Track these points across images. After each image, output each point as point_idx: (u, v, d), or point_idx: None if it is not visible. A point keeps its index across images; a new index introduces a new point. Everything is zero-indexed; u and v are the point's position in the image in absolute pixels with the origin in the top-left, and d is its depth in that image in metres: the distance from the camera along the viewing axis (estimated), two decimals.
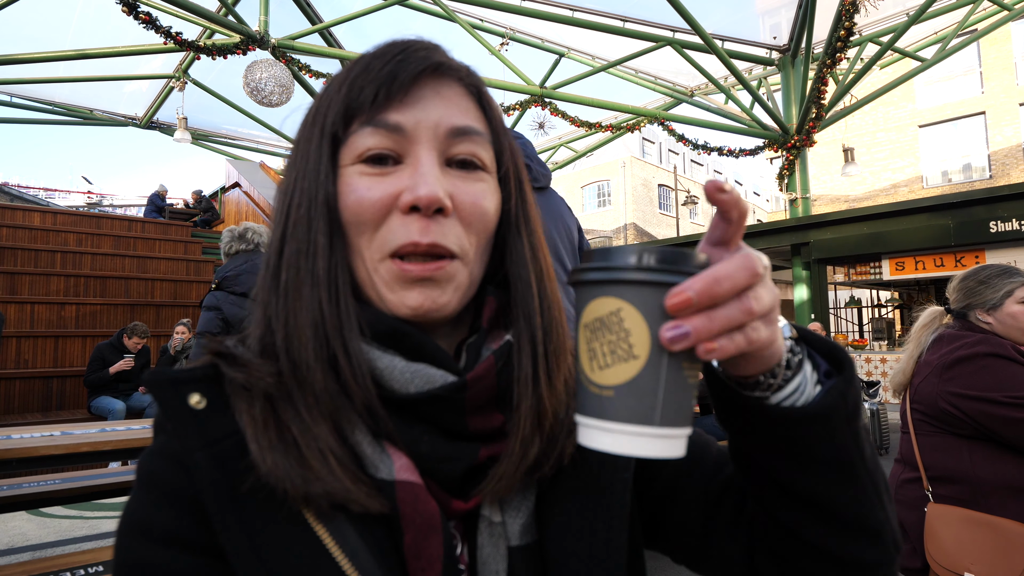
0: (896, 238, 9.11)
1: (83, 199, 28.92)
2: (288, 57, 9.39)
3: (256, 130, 14.65)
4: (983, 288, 1.79)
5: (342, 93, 0.46)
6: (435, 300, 0.45)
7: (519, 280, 0.49)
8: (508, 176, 0.51)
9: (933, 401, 1.72)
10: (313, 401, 0.42)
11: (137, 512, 0.42)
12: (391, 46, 0.48)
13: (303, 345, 0.43)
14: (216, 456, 0.41)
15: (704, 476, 0.54)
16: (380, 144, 0.45)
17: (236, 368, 0.44)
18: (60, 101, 12.80)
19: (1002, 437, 1.59)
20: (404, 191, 0.44)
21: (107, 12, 8.79)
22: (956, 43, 10.87)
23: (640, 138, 29.52)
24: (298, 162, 0.48)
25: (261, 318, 0.47)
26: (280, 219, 0.47)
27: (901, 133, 19.14)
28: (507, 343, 0.48)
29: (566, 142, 15.13)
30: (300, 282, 0.44)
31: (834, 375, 0.45)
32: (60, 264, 8.49)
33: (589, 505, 0.48)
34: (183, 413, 0.43)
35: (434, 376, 0.44)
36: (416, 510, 0.42)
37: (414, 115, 0.45)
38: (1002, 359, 1.64)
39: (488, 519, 0.46)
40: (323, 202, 0.45)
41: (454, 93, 0.48)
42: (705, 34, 8.51)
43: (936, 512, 1.65)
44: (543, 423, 0.47)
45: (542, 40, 11.64)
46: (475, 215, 0.47)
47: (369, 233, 0.45)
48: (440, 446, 0.44)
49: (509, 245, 0.50)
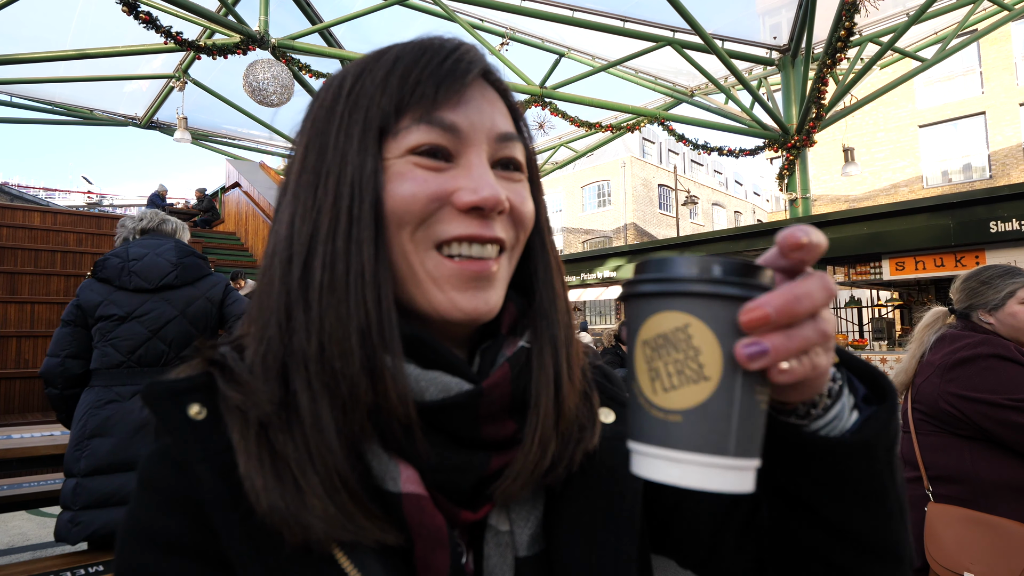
0: (896, 238, 9.10)
1: (83, 199, 28.93)
2: (288, 57, 9.38)
3: (256, 130, 14.65)
4: (985, 288, 1.79)
5: (393, 84, 0.44)
6: (487, 302, 0.45)
7: (544, 282, 0.50)
8: (535, 181, 0.52)
9: (934, 401, 1.72)
10: (329, 422, 0.39)
11: (140, 517, 0.41)
12: (439, 44, 0.46)
13: (347, 354, 0.40)
14: (219, 468, 0.40)
15: None
16: (435, 141, 0.44)
17: (232, 386, 0.42)
18: (60, 101, 12.80)
19: (1001, 439, 1.59)
20: (461, 190, 0.44)
21: (107, 12, 8.78)
22: (956, 43, 10.87)
23: (640, 138, 29.53)
24: (331, 150, 0.44)
25: (271, 327, 0.42)
26: (309, 215, 0.43)
27: (901, 133, 19.14)
28: (522, 349, 0.47)
29: (566, 142, 15.13)
30: (345, 283, 0.41)
31: (873, 401, 0.43)
32: (60, 264, 8.49)
33: (598, 516, 0.47)
34: (183, 425, 0.41)
35: (450, 384, 0.43)
36: (422, 523, 0.41)
37: (468, 117, 0.45)
38: (1004, 360, 1.63)
39: (495, 529, 0.45)
40: (371, 197, 0.42)
41: (495, 97, 0.48)
42: (705, 34, 8.50)
43: (936, 512, 1.65)
44: (560, 423, 0.46)
45: (542, 40, 11.64)
46: (522, 216, 0.47)
47: (412, 227, 0.43)
48: (451, 456, 0.43)
49: (536, 250, 0.51)
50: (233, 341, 0.47)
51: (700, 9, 8.60)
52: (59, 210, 12.07)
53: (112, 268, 2.38)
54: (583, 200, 29.67)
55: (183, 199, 17.84)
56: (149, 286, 2.38)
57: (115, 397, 2.28)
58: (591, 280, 13.92)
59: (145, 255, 2.43)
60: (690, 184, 31.10)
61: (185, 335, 2.39)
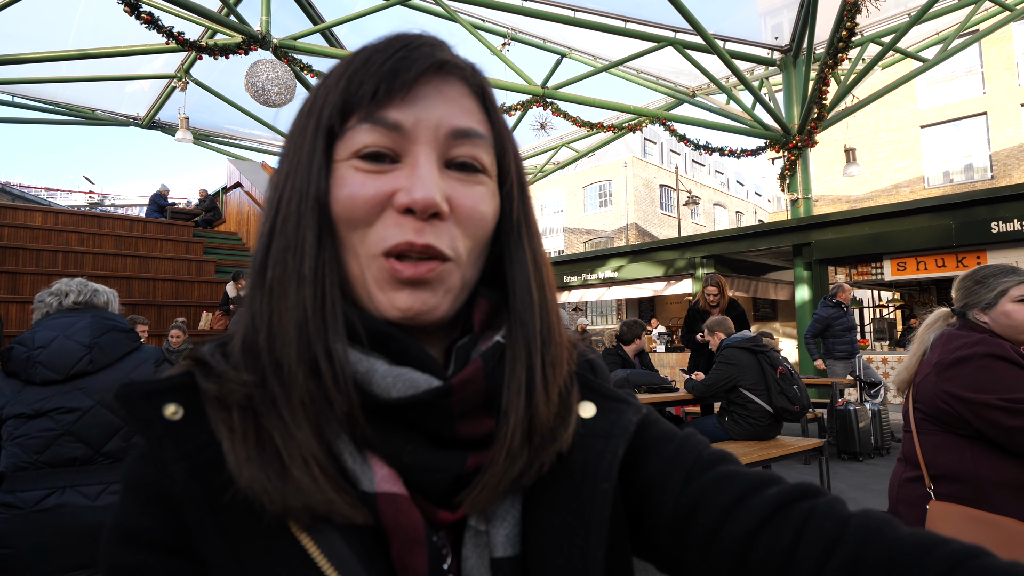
0: (898, 238, 9.10)
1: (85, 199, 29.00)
2: (290, 57, 9.39)
3: (258, 130, 14.67)
4: (979, 288, 1.79)
5: (340, 86, 0.45)
6: (425, 302, 0.44)
7: (517, 283, 0.48)
8: (510, 180, 0.49)
9: (932, 400, 1.72)
10: (297, 404, 0.40)
11: (122, 518, 0.41)
12: (394, 40, 0.46)
13: (286, 346, 0.41)
14: (194, 468, 0.40)
15: (675, 484, 0.47)
16: (378, 142, 0.44)
17: (209, 379, 0.42)
18: (62, 101, 12.82)
19: (994, 440, 1.59)
20: (399, 191, 0.43)
21: (109, 12, 8.79)
22: (958, 43, 10.87)
23: (642, 138, 29.50)
24: (290, 155, 0.46)
25: (246, 315, 0.45)
26: (269, 213, 0.46)
27: (903, 133, 19.12)
28: (496, 344, 0.46)
29: (568, 142, 15.14)
30: (286, 279, 0.43)
31: None
32: (62, 264, 8.51)
33: (568, 519, 0.45)
34: (157, 425, 0.41)
35: (418, 380, 0.42)
36: (399, 522, 0.40)
37: (414, 114, 0.44)
38: (999, 360, 1.63)
39: (474, 528, 0.44)
40: (314, 197, 0.43)
41: (457, 92, 0.46)
42: (707, 34, 8.50)
43: (937, 510, 1.65)
44: (533, 436, 0.45)
45: (544, 40, 11.65)
46: (472, 219, 0.45)
47: (362, 230, 0.44)
48: (425, 455, 0.42)
49: (510, 249, 0.49)
50: (222, 337, 0.47)
51: (702, 9, 8.61)
52: (61, 210, 12.09)
53: (17, 360, 2.03)
54: (584, 200, 29.66)
55: (185, 199, 17.85)
56: (58, 377, 2.02)
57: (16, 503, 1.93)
58: (592, 280, 13.92)
59: (52, 340, 2.06)
60: (691, 184, 31.08)
61: (106, 427, 2.04)
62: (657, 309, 18.52)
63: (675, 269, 12.26)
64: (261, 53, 9.37)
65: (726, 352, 4.46)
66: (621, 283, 13.61)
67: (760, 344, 4.41)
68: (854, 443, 5.80)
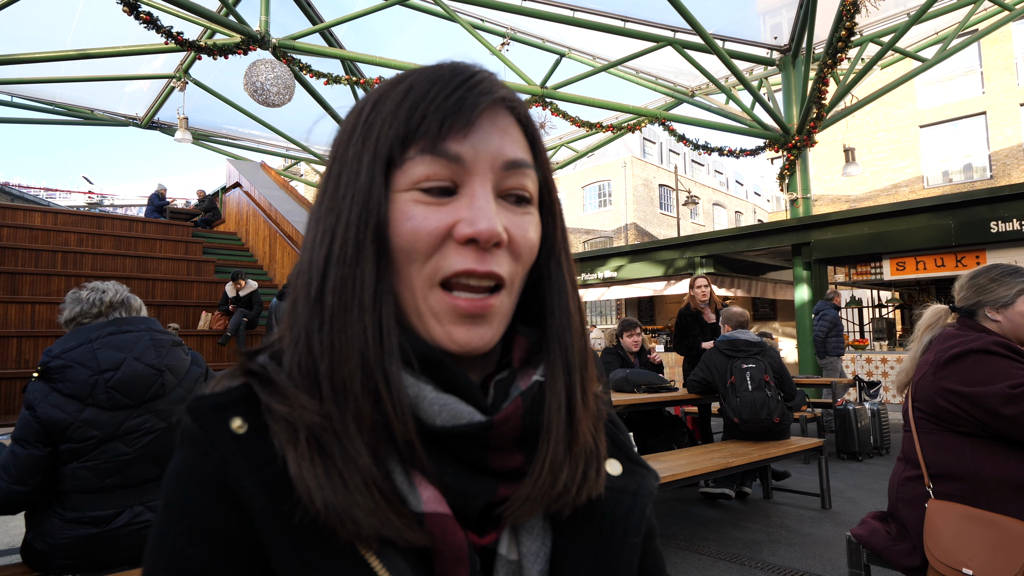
0: (897, 238, 9.10)
1: (84, 199, 28.98)
2: (289, 57, 9.39)
3: (257, 130, 14.65)
4: (995, 285, 1.80)
5: (401, 117, 0.45)
6: (482, 337, 0.45)
7: (557, 306, 0.50)
8: (551, 207, 0.52)
9: (931, 399, 1.73)
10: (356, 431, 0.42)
11: (167, 544, 0.41)
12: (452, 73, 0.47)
13: (350, 375, 0.42)
14: (264, 482, 0.41)
15: None
16: (438, 173, 0.45)
17: (276, 398, 0.43)
18: (61, 101, 12.81)
19: (997, 430, 1.60)
20: (461, 222, 0.44)
21: (108, 12, 8.79)
22: (957, 43, 10.87)
23: (641, 138, 29.50)
24: (346, 181, 0.46)
25: (301, 340, 0.45)
26: (325, 239, 0.46)
27: (902, 133, 19.13)
28: (535, 384, 0.48)
29: (567, 142, 15.13)
30: (347, 309, 0.43)
31: None
32: (61, 264, 8.50)
33: (595, 568, 0.48)
34: (227, 439, 0.42)
35: (462, 412, 0.44)
36: (444, 541, 0.42)
37: (473, 145, 0.45)
38: (995, 355, 1.64)
39: (505, 558, 0.46)
40: (374, 228, 0.44)
41: (508, 123, 0.48)
42: (706, 34, 8.50)
43: (936, 508, 1.66)
44: (574, 448, 0.47)
45: (543, 40, 11.64)
46: (524, 248, 0.47)
47: (420, 262, 0.45)
48: (463, 480, 0.44)
49: (551, 275, 0.51)
50: (270, 348, 0.48)
51: (701, 9, 8.61)
52: (60, 210, 12.07)
53: (81, 383, 1.92)
54: (584, 200, 29.65)
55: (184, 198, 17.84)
56: (132, 403, 1.98)
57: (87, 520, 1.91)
58: (592, 280, 13.92)
59: (121, 363, 1.98)
60: (691, 184, 31.08)
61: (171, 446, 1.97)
62: (656, 309, 18.52)
63: (674, 269, 12.26)
64: (260, 53, 9.36)
65: (704, 353, 4.46)
66: (620, 283, 13.62)
67: (738, 347, 4.25)
68: (853, 443, 5.80)
